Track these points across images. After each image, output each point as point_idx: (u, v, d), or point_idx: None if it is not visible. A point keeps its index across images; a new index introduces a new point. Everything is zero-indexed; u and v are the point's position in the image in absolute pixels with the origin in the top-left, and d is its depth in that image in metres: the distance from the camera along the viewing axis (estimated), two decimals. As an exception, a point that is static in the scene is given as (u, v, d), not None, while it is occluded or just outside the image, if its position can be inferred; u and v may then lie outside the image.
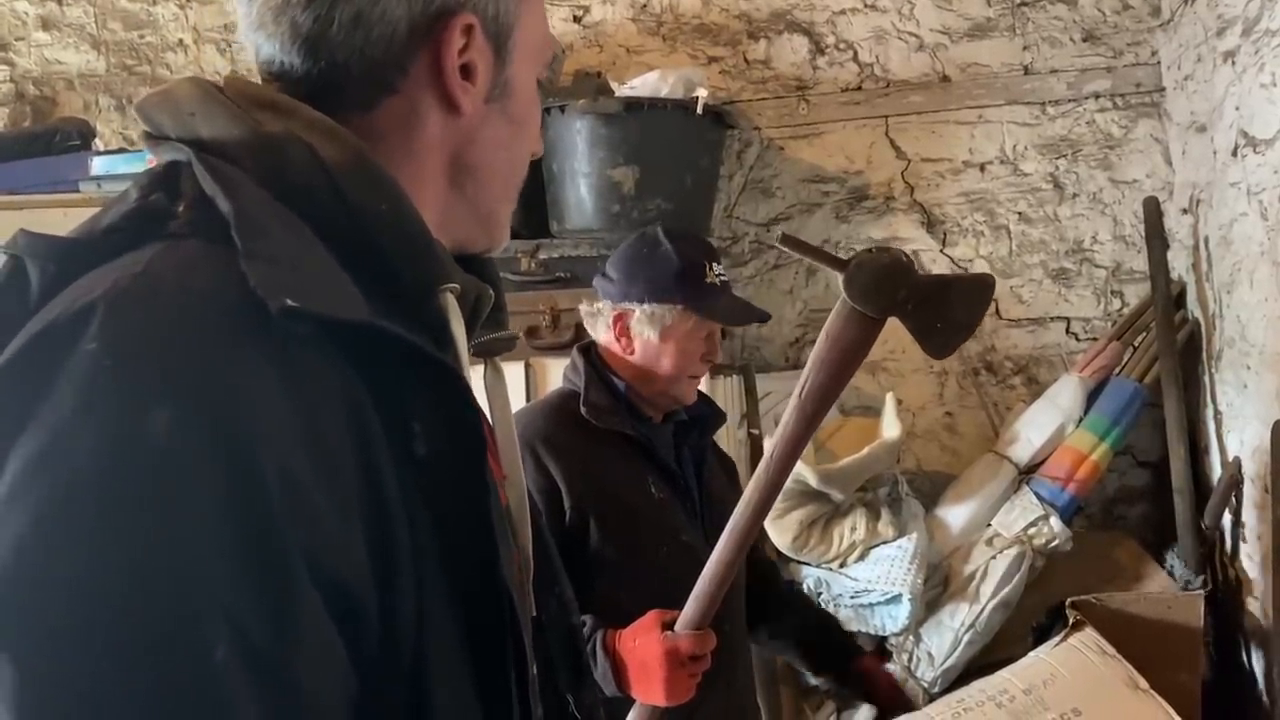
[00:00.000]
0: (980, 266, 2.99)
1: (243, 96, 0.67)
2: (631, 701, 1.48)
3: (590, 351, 1.72)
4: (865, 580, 2.45)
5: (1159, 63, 2.92)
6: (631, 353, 1.69)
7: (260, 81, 0.71)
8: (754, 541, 1.44)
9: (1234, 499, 2.51)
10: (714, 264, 1.71)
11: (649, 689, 1.44)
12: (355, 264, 0.63)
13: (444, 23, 0.69)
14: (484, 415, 0.81)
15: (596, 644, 1.49)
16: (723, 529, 1.46)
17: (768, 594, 1.83)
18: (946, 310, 1.20)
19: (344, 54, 0.68)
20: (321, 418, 0.56)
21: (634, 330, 1.70)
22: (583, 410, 1.63)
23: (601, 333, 1.73)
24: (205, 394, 0.53)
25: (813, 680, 2.58)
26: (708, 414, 1.80)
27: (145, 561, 0.50)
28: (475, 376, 0.84)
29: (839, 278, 1.22)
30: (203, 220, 0.60)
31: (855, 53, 3.04)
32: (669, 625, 1.43)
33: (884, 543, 2.48)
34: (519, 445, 1.58)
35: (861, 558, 2.48)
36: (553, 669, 0.86)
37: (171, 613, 0.50)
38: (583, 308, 1.77)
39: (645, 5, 3.07)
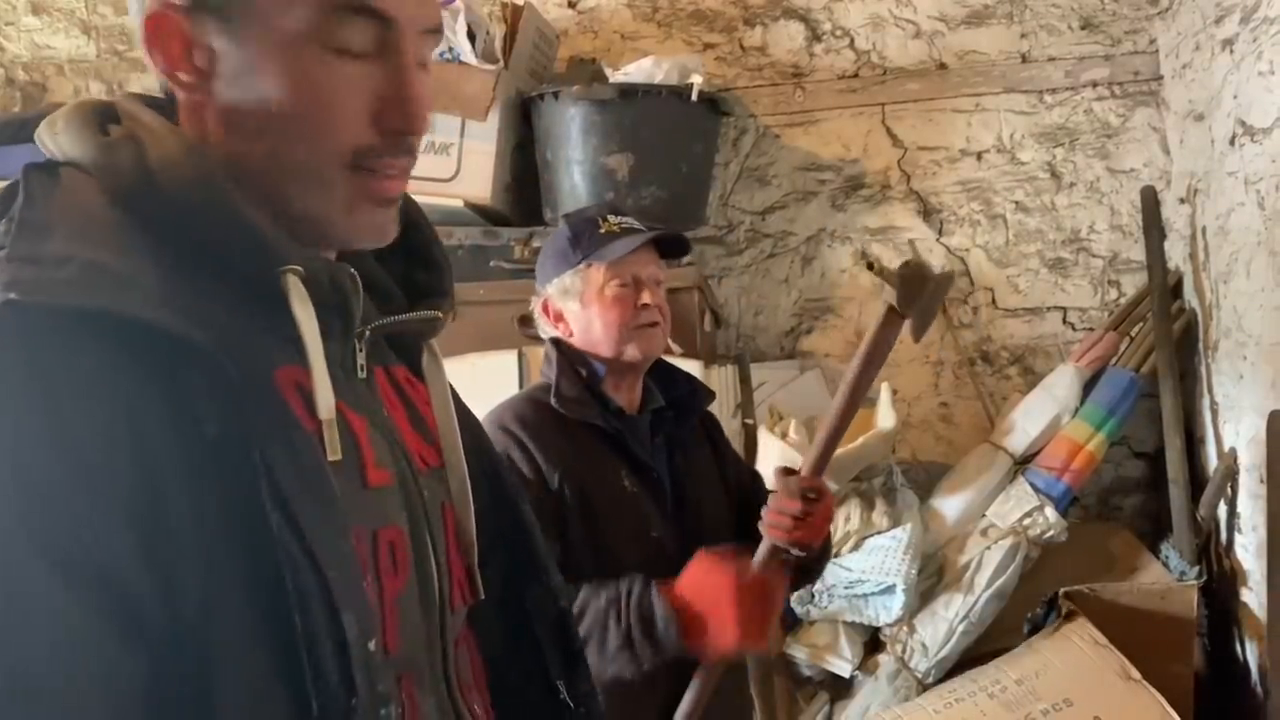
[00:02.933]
0: (977, 256, 2.98)
1: (122, 110, 0.72)
2: (672, 669, 1.47)
3: (562, 343, 1.70)
4: (859, 570, 2.45)
5: (1157, 51, 2.91)
6: (572, 334, 1.67)
7: None
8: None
9: (1230, 489, 2.50)
10: (612, 216, 1.67)
11: (721, 629, 1.39)
12: (187, 256, 0.66)
13: (151, 17, 0.70)
14: (435, 399, 0.83)
15: (651, 598, 1.43)
16: (698, 520, 1.49)
17: None
18: (931, 304, 1.45)
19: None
20: (71, 408, 0.58)
21: (561, 310, 1.68)
22: (553, 403, 1.60)
23: (547, 329, 1.71)
24: None
25: (807, 671, 2.58)
26: (686, 396, 1.73)
27: None
28: (434, 365, 0.85)
29: (887, 288, 1.47)
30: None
31: (852, 40, 3.02)
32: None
33: (878, 533, 2.47)
34: (503, 436, 1.57)
35: (856, 548, 2.47)
36: (542, 656, 0.86)
37: None
38: (536, 318, 1.75)
39: (640, -9, 3.05)
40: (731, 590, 1.41)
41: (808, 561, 1.66)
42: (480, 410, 1.67)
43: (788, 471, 1.59)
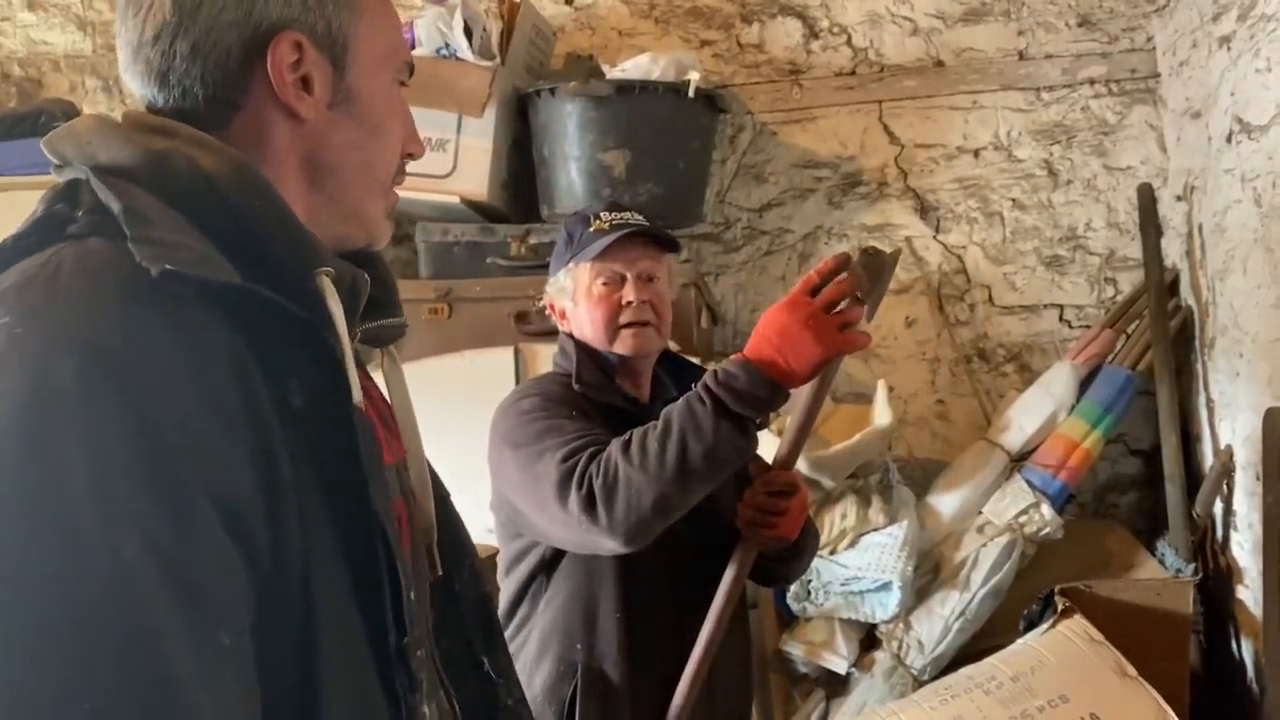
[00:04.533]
0: (973, 253, 2.98)
1: (136, 125, 0.78)
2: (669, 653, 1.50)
3: (575, 337, 1.71)
4: (855, 567, 2.45)
5: (1154, 48, 2.91)
6: (571, 332, 1.69)
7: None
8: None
9: (1225, 487, 2.51)
10: (605, 213, 1.68)
11: (800, 347, 1.36)
12: (237, 253, 0.73)
13: (271, 42, 0.79)
14: (382, 392, 0.92)
15: (721, 366, 1.42)
16: (708, 501, 1.50)
17: None
18: (884, 287, 1.47)
19: (189, 81, 0.79)
20: (207, 363, 0.67)
21: (563, 309, 1.70)
22: (576, 387, 1.61)
23: (558, 325, 1.73)
24: (102, 346, 0.65)
25: (803, 668, 2.58)
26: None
27: (64, 481, 0.61)
28: (376, 367, 0.95)
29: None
30: (100, 222, 0.72)
31: (849, 37, 3.01)
32: None
33: (874, 530, 2.47)
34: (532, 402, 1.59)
35: (852, 545, 2.47)
36: (468, 633, 0.98)
37: (86, 518, 0.61)
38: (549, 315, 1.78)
39: (638, -12, 3.05)
40: (788, 314, 1.38)
41: (791, 552, 1.67)
42: (478, 409, 1.70)
43: (762, 467, 1.59)
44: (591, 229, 1.66)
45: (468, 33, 2.61)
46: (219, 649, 0.63)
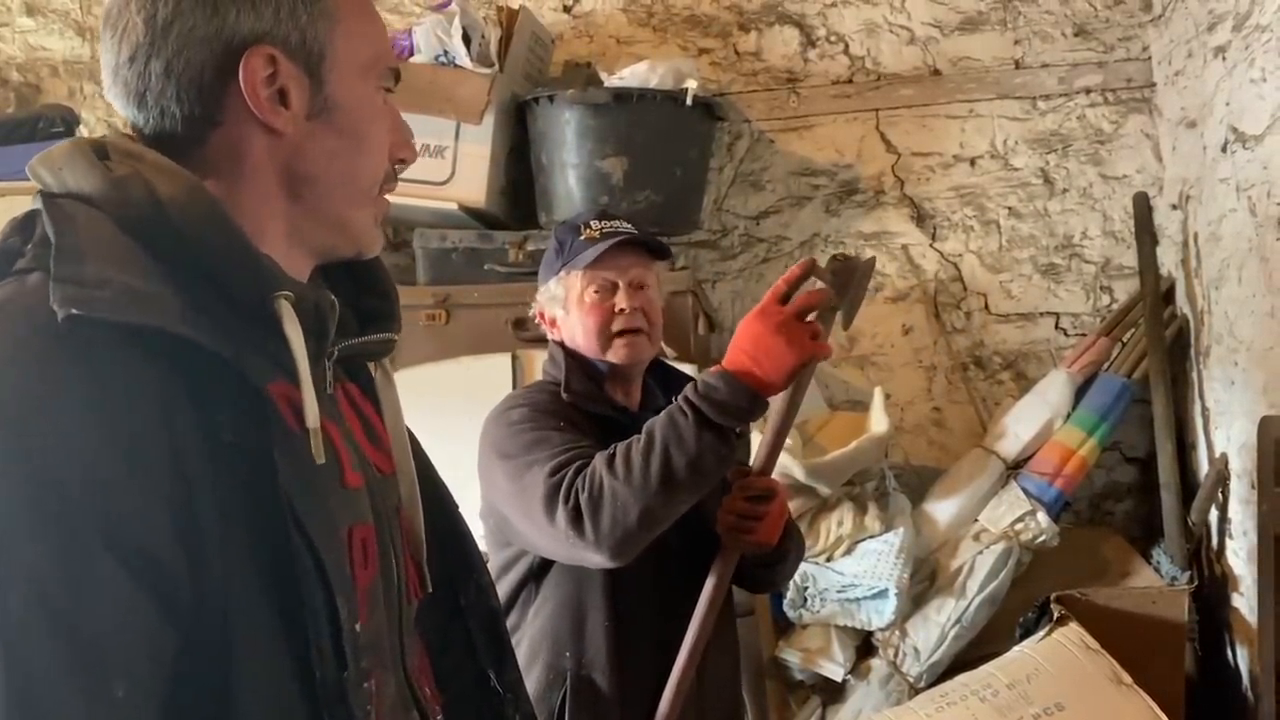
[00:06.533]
0: (970, 261, 2.99)
1: (114, 149, 0.78)
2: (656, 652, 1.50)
3: (565, 345, 1.71)
4: (851, 575, 2.45)
5: (1150, 58, 2.92)
6: (561, 341, 1.69)
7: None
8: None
9: (1221, 495, 2.51)
10: (596, 221, 1.69)
11: (773, 354, 1.39)
12: (190, 280, 0.73)
13: (243, 57, 0.78)
14: (380, 411, 0.92)
15: (701, 378, 1.44)
16: (697, 509, 1.50)
17: None
18: (859, 293, 1.50)
19: (166, 101, 0.79)
20: (121, 408, 0.68)
21: (554, 317, 1.70)
22: (565, 396, 1.61)
23: (547, 333, 1.73)
24: (6, 399, 0.66)
25: (799, 675, 2.58)
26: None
27: None
28: (389, 382, 0.95)
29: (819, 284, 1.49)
30: (45, 255, 0.72)
31: (846, 45, 3.02)
32: None
33: (871, 537, 2.47)
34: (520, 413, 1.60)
35: (848, 552, 2.47)
36: (474, 648, 0.97)
37: None
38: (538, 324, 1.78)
39: (636, -4, 3.06)
40: (760, 323, 1.41)
41: (775, 557, 1.67)
42: (475, 415, 1.70)
43: (740, 473, 1.60)
44: (582, 237, 1.66)
45: (466, 40, 2.62)
46: (111, 701, 0.64)
